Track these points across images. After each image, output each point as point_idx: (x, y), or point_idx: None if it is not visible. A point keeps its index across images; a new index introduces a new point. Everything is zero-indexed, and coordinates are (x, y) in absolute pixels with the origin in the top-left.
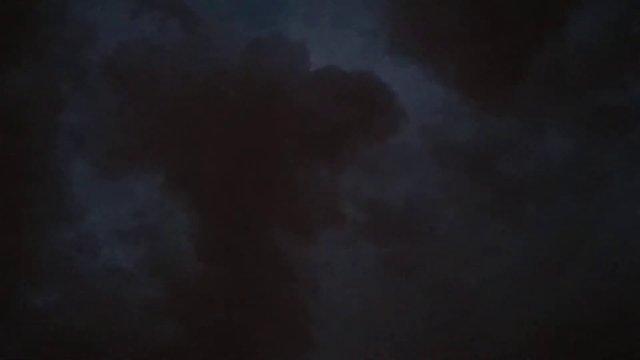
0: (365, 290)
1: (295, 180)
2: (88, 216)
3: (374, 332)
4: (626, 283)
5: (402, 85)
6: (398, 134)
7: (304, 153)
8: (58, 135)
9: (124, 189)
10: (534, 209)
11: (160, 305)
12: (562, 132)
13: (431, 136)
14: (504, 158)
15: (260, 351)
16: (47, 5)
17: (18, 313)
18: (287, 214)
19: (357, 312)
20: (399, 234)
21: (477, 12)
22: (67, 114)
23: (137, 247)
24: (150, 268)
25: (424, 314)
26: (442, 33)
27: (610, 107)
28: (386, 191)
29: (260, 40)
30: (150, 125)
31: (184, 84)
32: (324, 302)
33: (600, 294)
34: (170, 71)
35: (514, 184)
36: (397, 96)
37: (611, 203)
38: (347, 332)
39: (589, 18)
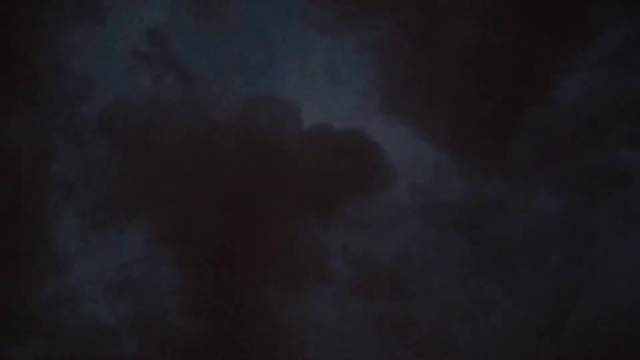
0: (356, 349)
1: (286, 236)
2: (72, 269)
3: None
4: (617, 341)
5: (393, 143)
6: (388, 191)
7: (295, 208)
8: (47, 186)
9: (111, 242)
10: (525, 268)
11: None
12: (551, 192)
13: (421, 194)
14: (493, 217)
15: None
16: (45, 58)
17: None
18: (277, 270)
19: None
20: (390, 291)
21: (467, 73)
22: (58, 165)
23: (122, 303)
24: (134, 324)
25: None
26: (432, 93)
27: (598, 169)
28: (376, 248)
29: (254, 97)
30: (141, 178)
31: (177, 138)
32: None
33: (593, 352)
34: (163, 126)
35: (504, 243)
36: (388, 154)
37: (601, 262)
38: None
39: (576, 83)
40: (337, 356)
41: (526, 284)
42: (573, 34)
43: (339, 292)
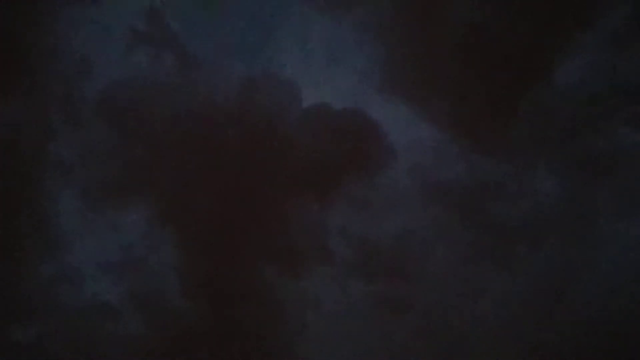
0: (354, 329)
1: (285, 216)
2: (73, 248)
3: None
4: (613, 323)
5: (393, 123)
6: (387, 171)
7: (294, 189)
8: (47, 166)
9: (111, 222)
10: (524, 249)
11: (143, 341)
12: (551, 173)
13: (420, 175)
14: (493, 198)
15: None
16: (43, 38)
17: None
18: (276, 250)
19: (345, 351)
20: (389, 271)
21: (468, 54)
22: (56, 146)
23: (122, 281)
24: (135, 303)
25: (413, 354)
26: (432, 74)
27: (597, 150)
28: (375, 228)
29: (253, 78)
30: (140, 158)
31: (176, 118)
32: (312, 340)
33: (588, 335)
34: (162, 106)
35: (503, 224)
36: (387, 134)
37: (599, 245)
38: None
39: (576, 64)
40: (335, 336)
41: (523, 265)
42: (573, 15)
43: (338, 272)
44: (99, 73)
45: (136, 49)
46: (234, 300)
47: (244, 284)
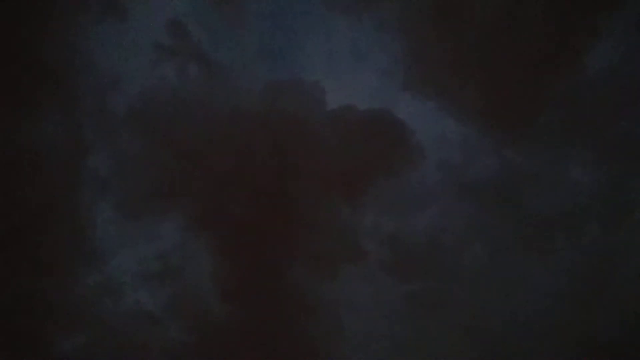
0: (389, 328)
1: (317, 218)
2: (112, 259)
3: None
4: None
5: (419, 121)
6: (417, 169)
7: (325, 191)
8: (83, 179)
9: (148, 232)
10: (560, 241)
11: (185, 348)
12: (585, 162)
13: (450, 171)
14: (526, 191)
15: None
16: (75, 56)
17: (44, 357)
18: (310, 252)
19: (381, 351)
20: (422, 269)
21: (494, 44)
22: (91, 159)
23: (162, 290)
24: (175, 311)
25: (450, 353)
26: (458, 67)
27: (632, 136)
28: (407, 227)
29: (278, 82)
30: (172, 168)
31: (204, 127)
32: (348, 340)
33: (632, 326)
34: (190, 115)
35: (539, 216)
36: (414, 132)
37: (636, 232)
38: None
39: (607, 47)
40: (371, 335)
41: (560, 255)
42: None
43: (371, 271)
44: (128, 86)
45: (162, 62)
46: (269, 304)
47: (278, 287)
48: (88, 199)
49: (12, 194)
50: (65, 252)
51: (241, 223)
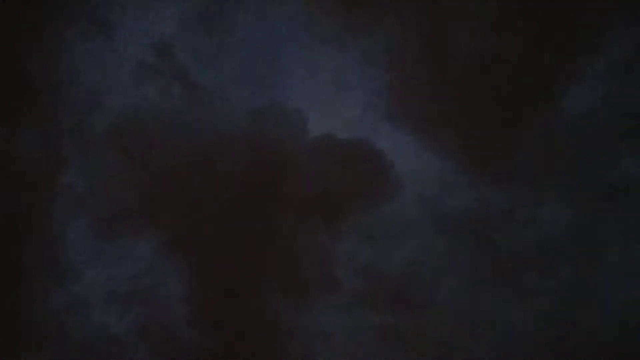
0: (363, 358)
1: (292, 246)
2: (82, 278)
3: None
4: (624, 351)
5: (399, 153)
6: (394, 201)
7: (302, 219)
8: (58, 196)
9: (120, 252)
10: (532, 279)
11: None
12: (560, 202)
13: (428, 204)
14: (501, 228)
15: None
16: (55, 71)
17: None
18: (283, 280)
19: None
20: (396, 302)
21: (475, 82)
22: (67, 175)
23: (130, 312)
24: (142, 333)
25: None
26: (439, 104)
27: (605, 179)
28: (383, 258)
29: (261, 108)
30: (149, 189)
31: (184, 149)
32: None
33: None
34: (170, 136)
35: (513, 253)
36: (394, 164)
37: (608, 273)
38: None
39: (584, 89)
40: None
41: (533, 294)
42: (580, 42)
43: (346, 302)
44: (109, 103)
45: (145, 80)
46: (241, 331)
47: (251, 313)
48: (61, 215)
49: None
50: (34, 268)
51: (215, 247)
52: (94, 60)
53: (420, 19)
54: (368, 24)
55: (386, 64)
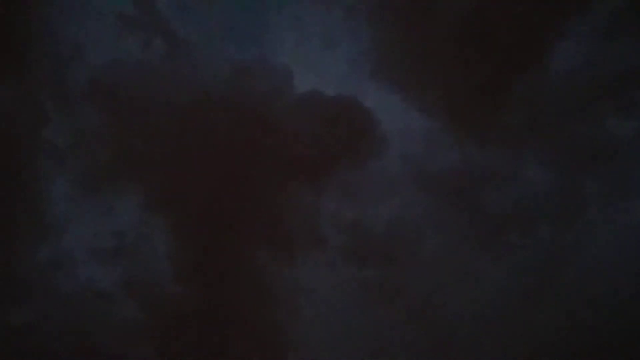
0: (346, 313)
1: (278, 203)
2: (66, 234)
3: (354, 358)
4: (604, 309)
5: (385, 111)
6: (380, 159)
7: (287, 175)
8: (40, 152)
9: (104, 208)
10: (514, 237)
11: (137, 326)
12: (542, 161)
13: (413, 163)
14: (484, 186)
15: None
16: (35, 23)
17: None
18: (269, 236)
19: (337, 336)
20: (380, 258)
21: (461, 41)
22: (50, 131)
23: (115, 267)
24: (128, 288)
25: (405, 340)
26: (425, 62)
27: (587, 139)
28: (368, 215)
29: (246, 63)
30: (132, 144)
31: (168, 104)
32: (304, 326)
33: (578, 320)
34: (153, 91)
35: (495, 211)
36: (380, 122)
37: (588, 232)
38: (326, 357)
39: (570, 49)
40: (327, 320)
41: (514, 252)
42: (568, 2)
43: (331, 258)
44: (90, 57)
45: (126, 34)
46: (226, 286)
47: (236, 269)
48: (45, 171)
49: None
50: (18, 224)
51: (200, 203)
52: (72, 12)
53: None
54: None
55: (371, 21)
